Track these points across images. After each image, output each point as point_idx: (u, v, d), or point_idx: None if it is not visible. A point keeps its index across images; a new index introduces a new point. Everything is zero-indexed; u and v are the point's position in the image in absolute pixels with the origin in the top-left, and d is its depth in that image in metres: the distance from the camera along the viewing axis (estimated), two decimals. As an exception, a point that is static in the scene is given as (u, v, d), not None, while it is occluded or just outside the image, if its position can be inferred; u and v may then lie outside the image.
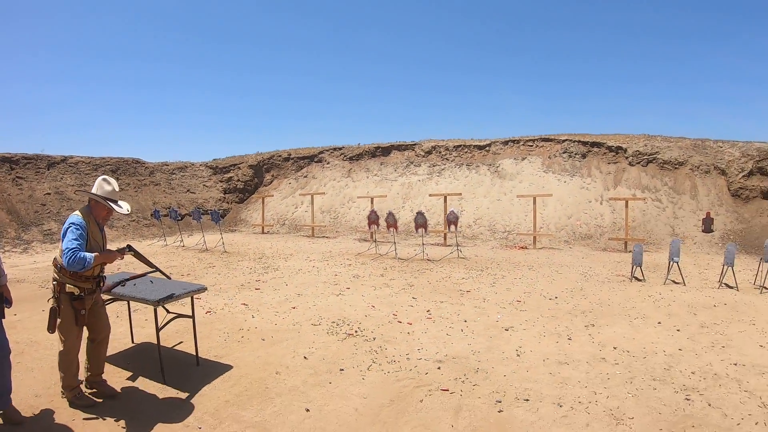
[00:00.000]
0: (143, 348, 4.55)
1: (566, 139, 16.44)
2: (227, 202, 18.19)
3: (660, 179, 14.45)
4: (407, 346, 4.58)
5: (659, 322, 5.37)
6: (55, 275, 3.26)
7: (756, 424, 3.08)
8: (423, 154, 18.25)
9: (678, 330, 5.09)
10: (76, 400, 3.39)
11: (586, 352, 4.42)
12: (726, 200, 13.41)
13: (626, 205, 11.60)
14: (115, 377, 3.85)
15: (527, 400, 3.42)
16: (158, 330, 3.78)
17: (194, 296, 4.01)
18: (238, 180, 18.74)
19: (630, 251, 11.07)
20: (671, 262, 7.75)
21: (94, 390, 3.56)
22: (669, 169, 14.59)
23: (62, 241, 3.11)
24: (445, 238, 12.53)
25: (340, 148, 19.39)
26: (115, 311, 5.42)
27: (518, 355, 4.27)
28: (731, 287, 7.21)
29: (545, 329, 5.10)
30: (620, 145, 15.50)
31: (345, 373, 3.94)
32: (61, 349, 3.30)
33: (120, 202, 3.39)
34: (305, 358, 4.28)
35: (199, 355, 4.17)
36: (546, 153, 16.50)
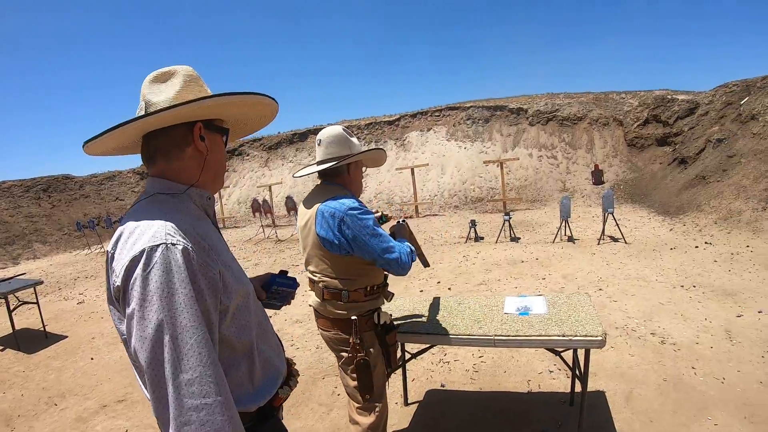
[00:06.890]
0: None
1: (471, 106, 16.31)
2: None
3: (558, 136, 14.34)
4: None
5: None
6: (339, 308, 1.90)
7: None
8: (339, 135, 18.18)
9: (438, 283, 5.80)
10: None
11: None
12: (621, 150, 13.29)
13: (501, 167, 11.49)
14: None
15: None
16: (10, 312, 5.07)
17: (36, 288, 5.24)
18: (161, 182, 18.81)
19: (506, 212, 11.02)
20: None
21: None
22: (568, 125, 14.46)
23: (357, 242, 1.78)
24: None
25: (260, 139, 19.34)
26: None
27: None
28: (575, 239, 7.28)
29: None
30: (521, 106, 15.35)
31: None
32: (372, 421, 1.94)
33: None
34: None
35: (49, 330, 5.51)
36: (451, 122, 16.38)
